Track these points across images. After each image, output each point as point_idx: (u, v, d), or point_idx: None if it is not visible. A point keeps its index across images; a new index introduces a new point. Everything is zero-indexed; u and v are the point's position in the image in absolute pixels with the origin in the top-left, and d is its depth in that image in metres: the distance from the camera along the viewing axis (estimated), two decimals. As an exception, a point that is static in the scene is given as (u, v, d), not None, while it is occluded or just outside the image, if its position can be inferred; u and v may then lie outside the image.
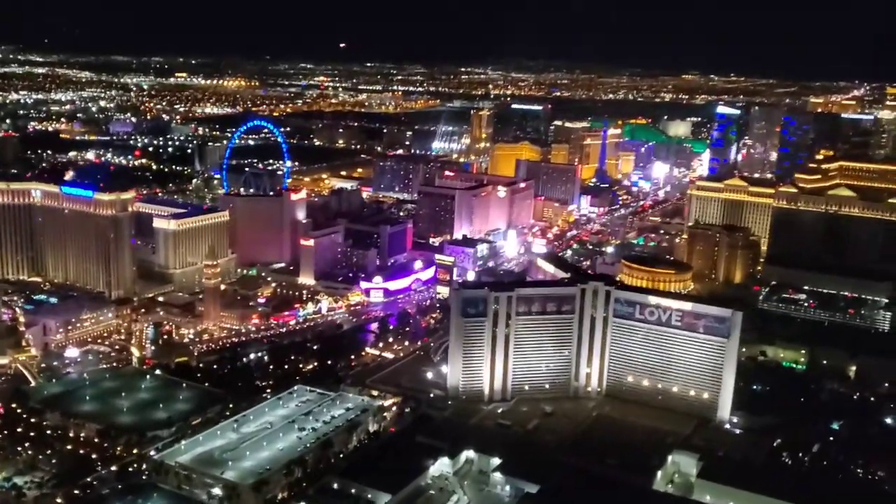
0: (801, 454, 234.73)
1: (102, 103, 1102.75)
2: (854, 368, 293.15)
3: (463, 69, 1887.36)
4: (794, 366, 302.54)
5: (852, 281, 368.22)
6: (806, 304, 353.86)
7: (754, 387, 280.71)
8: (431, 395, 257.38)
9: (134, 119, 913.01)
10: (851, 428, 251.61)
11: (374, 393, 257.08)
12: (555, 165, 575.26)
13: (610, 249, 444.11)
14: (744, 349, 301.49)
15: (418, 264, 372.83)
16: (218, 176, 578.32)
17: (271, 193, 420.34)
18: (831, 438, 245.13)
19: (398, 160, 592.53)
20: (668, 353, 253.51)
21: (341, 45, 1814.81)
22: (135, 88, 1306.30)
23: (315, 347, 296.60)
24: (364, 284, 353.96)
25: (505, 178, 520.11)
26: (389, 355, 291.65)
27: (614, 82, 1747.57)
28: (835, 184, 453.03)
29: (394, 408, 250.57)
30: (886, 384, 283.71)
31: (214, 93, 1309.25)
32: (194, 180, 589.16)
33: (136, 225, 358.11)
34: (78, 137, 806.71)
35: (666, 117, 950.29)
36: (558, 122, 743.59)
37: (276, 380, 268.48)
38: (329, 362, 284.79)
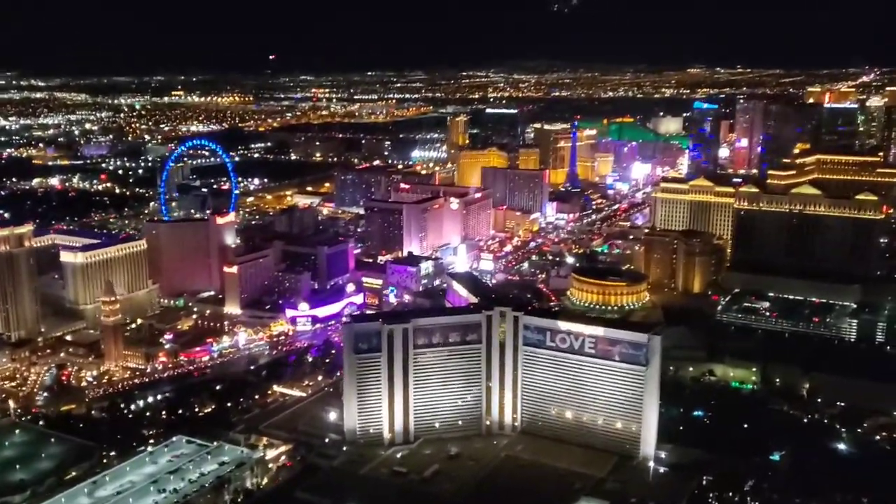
0: (731, 493, 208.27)
1: (88, 126, 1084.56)
2: (807, 387, 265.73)
3: (464, 73, 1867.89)
4: (744, 386, 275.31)
5: (820, 285, 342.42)
6: (767, 314, 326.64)
7: (695, 413, 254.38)
8: (326, 441, 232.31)
9: (110, 141, 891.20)
10: (794, 458, 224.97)
11: (265, 441, 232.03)
12: (521, 172, 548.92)
13: (570, 260, 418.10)
14: (690, 369, 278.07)
15: (350, 287, 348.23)
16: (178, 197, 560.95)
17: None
18: (769, 472, 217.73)
19: (359, 173, 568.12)
20: (584, 385, 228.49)
21: (271, 56, 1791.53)
22: (126, 109, 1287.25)
23: (217, 388, 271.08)
24: (290, 312, 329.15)
25: (461, 189, 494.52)
26: (298, 393, 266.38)
27: (616, 80, 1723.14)
28: (809, 179, 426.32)
29: (283, 457, 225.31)
30: (841, 403, 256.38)
31: (205, 110, 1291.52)
32: (152, 203, 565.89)
33: (51, 259, 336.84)
34: (50, 163, 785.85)
35: (662, 114, 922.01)
36: (537, 125, 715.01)
37: (168, 427, 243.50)
38: (229, 404, 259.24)
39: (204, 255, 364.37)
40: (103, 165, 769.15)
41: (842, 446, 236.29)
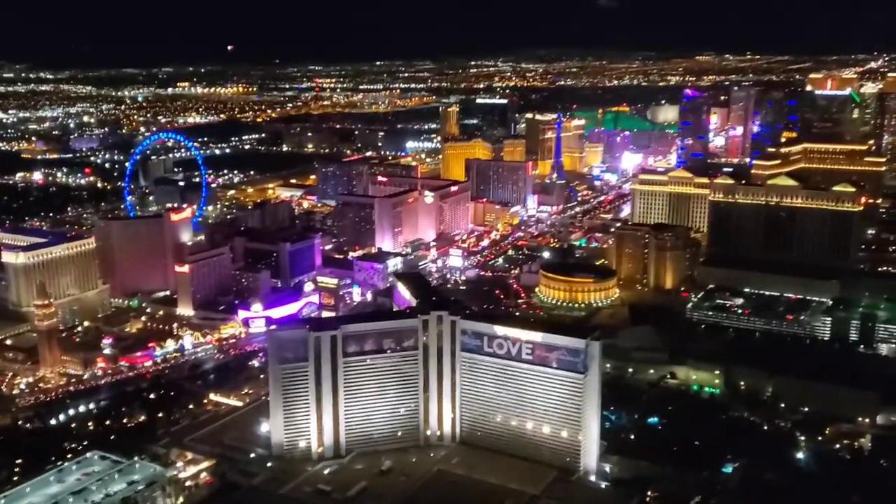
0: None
1: (86, 118, 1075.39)
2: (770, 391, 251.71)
3: (473, 63, 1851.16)
4: (707, 390, 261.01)
5: (798, 281, 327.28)
6: (739, 312, 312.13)
7: (649, 420, 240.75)
8: (252, 456, 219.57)
9: (102, 134, 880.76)
10: (747, 471, 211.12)
11: (188, 456, 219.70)
12: (505, 163, 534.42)
13: (546, 254, 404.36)
14: (651, 371, 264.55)
15: (309, 286, 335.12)
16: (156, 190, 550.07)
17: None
18: (717, 487, 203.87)
19: (341, 165, 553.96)
20: (522, 394, 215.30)
21: (229, 47, 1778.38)
22: (128, 101, 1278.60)
23: (152, 396, 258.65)
24: (242, 314, 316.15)
25: (438, 182, 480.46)
26: (235, 402, 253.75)
27: (624, 67, 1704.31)
28: (794, 169, 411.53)
29: (203, 475, 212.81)
30: (805, 408, 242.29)
31: (207, 101, 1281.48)
32: (129, 198, 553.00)
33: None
34: (39, 156, 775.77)
35: (664, 102, 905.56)
36: (529, 115, 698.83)
37: (91, 440, 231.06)
38: (161, 415, 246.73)
39: (159, 254, 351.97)
40: (92, 159, 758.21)
41: (800, 456, 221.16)
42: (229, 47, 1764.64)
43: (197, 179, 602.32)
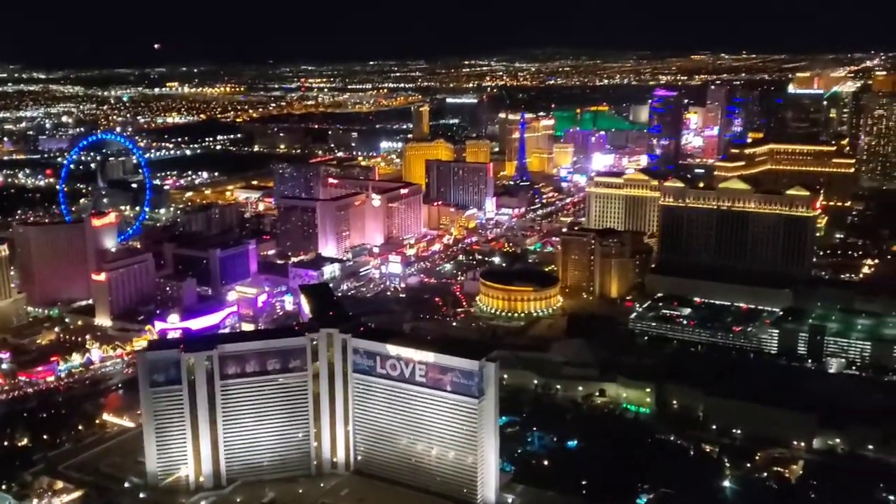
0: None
1: (64, 118, 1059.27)
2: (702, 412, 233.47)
3: (466, 62, 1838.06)
4: (638, 409, 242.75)
5: (749, 290, 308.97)
6: (685, 322, 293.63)
7: (568, 443, 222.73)
8: (126, 486, 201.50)
9: (74, 134, 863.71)
10: (662, 502, 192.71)
11: (59, 485, 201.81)
12: (466, 164, 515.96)
13: (497, 260, 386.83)
14: (580, 388, 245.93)
15: (232, 295, 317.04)
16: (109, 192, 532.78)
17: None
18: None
19: (298, 166, 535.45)
20: (416, 419, 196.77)
21: (156, 45, 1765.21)
22: (112, 101, 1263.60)
23: (43, 415, 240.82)
24: (158, 325, 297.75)
25: (390, 184, 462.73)
26: (128, 423, 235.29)
27: (617, 67, 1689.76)
28: (759, 171, 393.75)
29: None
30: (738, 431, 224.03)
31: (192, 101, 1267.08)
32: (82, 200, 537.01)
33: None
34: (5, 157, 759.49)
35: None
36: (502, 115, 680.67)
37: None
38: (46, 437, 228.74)
39: (80, 261, 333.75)
40: (59, 160, 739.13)
41: (726, 484, 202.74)
42: (156, 46, 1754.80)
43: (166, 181, 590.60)
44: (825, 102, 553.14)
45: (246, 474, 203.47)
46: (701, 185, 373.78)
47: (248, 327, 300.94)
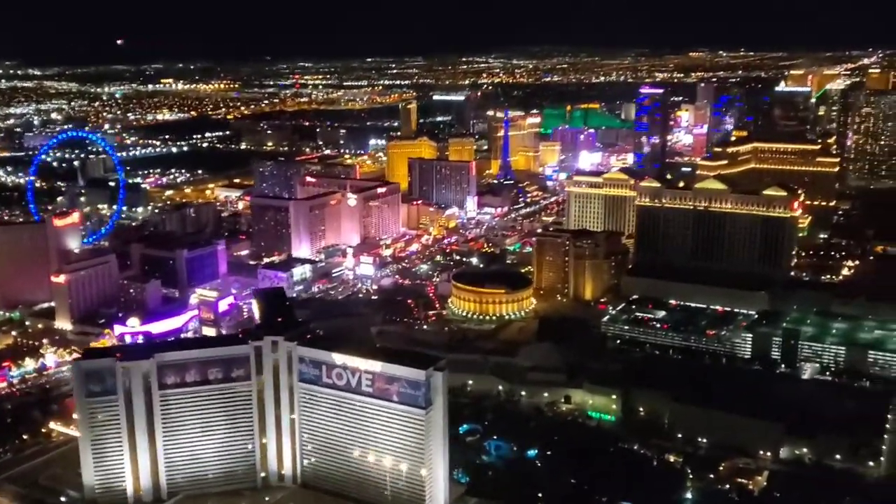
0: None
1: (54, 115, 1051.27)
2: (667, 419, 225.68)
3: (464, 59, 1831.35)
4: (603, 416, 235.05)
5: (724, 292, 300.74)
6: (658, 325, 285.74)
7: (528, 453, 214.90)
8: (63, 500, 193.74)
9: (60, 131, 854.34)
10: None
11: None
12: (449, 163, 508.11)
13: (474, 261, 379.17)
14: (545, 395, 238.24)
15: (194, 298, 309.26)
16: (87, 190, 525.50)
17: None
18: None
19: (279, 164, 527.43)
20: (363, 431, 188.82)
21: (118, 41, 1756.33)
22: (105, 97, 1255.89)
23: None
24: (118, 329, 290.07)
25: (367, 183, 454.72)
26: (76, 433, 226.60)
27: (615, 64, 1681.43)
28: (742, 170, 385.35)
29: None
30: (703, 440, 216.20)
31: (185, 98, 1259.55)
32: (59, 198, 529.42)
33: None
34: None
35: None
36: (490, 113, 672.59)
37: None
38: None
39: (42, 262, 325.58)
40: (42, 157, 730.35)
41: (688, 496, 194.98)
42: (119, 41, 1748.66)
43: (147, 178, 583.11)
44: (813, 100, 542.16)
45: (188, 487, 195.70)
46: (681, 184, 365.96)
47: (209, 332, 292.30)
